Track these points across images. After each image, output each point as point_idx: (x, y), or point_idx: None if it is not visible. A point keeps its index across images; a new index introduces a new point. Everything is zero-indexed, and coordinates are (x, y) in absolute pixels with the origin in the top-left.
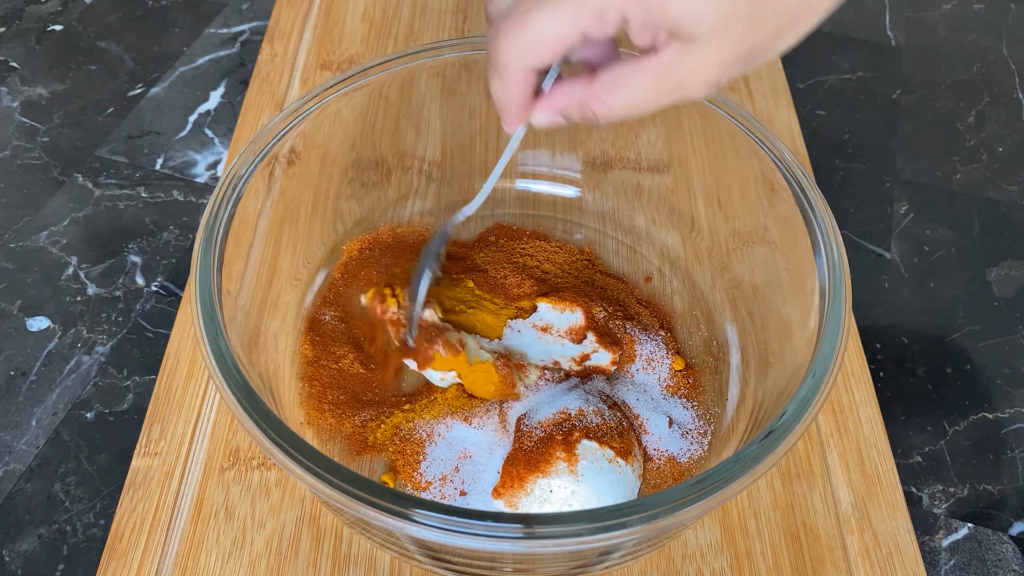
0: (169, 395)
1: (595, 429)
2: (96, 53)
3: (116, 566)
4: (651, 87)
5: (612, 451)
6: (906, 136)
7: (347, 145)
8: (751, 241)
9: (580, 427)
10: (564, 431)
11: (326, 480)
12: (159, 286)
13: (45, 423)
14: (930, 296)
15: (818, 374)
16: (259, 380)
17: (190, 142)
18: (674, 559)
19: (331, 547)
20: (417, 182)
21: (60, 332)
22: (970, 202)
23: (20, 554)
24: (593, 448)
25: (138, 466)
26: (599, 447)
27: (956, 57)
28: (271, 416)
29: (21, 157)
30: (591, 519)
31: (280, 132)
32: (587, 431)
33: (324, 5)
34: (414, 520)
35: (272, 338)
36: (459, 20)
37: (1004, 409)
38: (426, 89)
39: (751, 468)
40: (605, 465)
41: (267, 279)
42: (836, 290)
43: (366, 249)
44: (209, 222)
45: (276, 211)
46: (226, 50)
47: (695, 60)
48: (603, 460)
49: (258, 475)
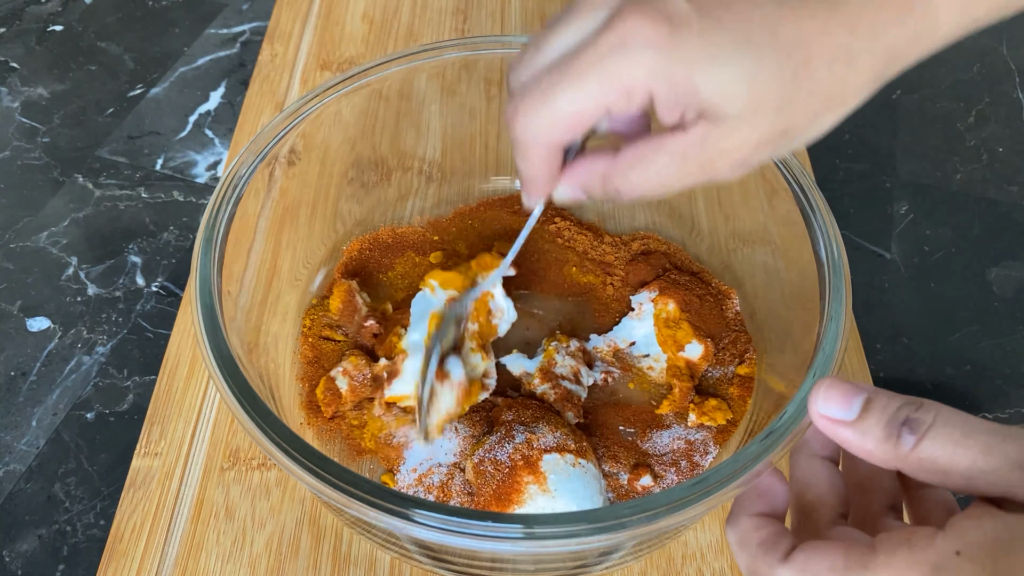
0: (169, 395)
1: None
2: (96, 53)
3: (116, 566)
4: (676, 166)
5: (571, 455)
6: (906, 136)
7: (347, 145)
8: (751, 242)
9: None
10: (523, 455)
11: (326, 481)
12: (159, 286)
13: (45, 423)
14: (930, 296)
15: (818, 374)
16: (259, 381)
17: (190, 142)
18: (674, 559)
19: (331, 547)
20: (417, 182)
21: (60, 332)
22: (970, 202)
23: (20, 554)
24: (555, 460)
25: (138, 466)
26: (560, 456)
27: (956, 57)
28: (271, 417)
29: (21, 157)
30: (591, 520)
31: (280, 132)
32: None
33: (324, 6)
34: (414, 520)
35: (272, 339)
36: (459, 21)
37: (1004, 410)
38: (426, 89)
39: (751, 468)
40: (571, 471)
41: (267, 280)
42: (836, 290)
43: (366, 249)
44: (209, 223)
45: (276, 211)
46: (226, 50)
47: (723, 140)
48: (568, 467)
49: (258, 475)
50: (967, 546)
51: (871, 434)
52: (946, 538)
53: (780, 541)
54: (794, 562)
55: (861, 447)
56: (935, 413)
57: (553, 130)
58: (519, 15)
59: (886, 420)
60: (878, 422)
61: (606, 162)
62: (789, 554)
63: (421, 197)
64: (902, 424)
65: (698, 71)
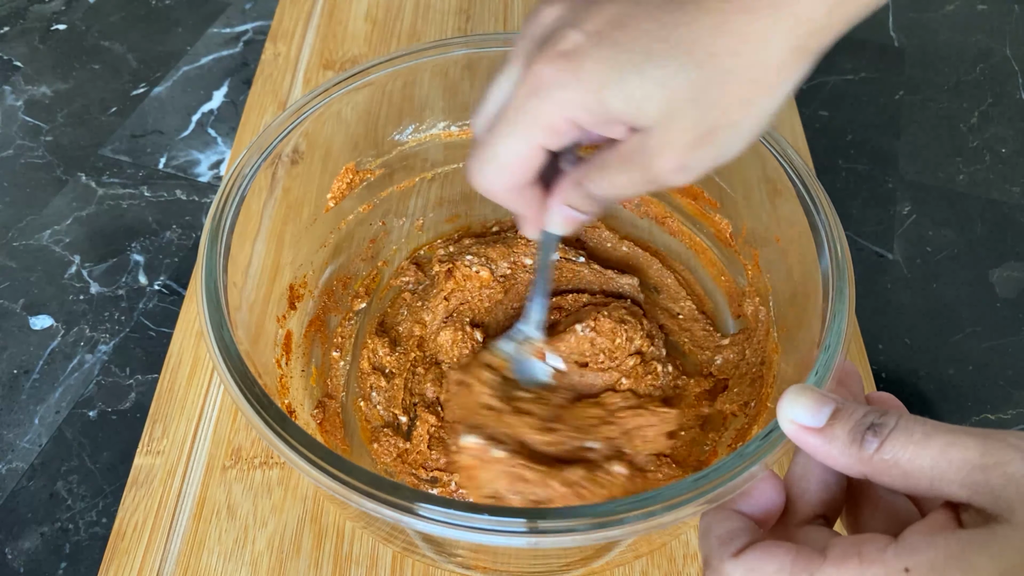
0: (171, 394)
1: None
2: (100, 52)
3: (118, 564)
4: (626, 174)
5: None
6: (909, 137)
7: (349, 144)
8: (755, 241)
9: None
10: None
11: (329, 474)
12: (162, 285)
13: (48, 421)
14: (932, 297)
15: (820, 374)
16: (263, 375)
17: (193, 141)
18: (675, 559)
19: (333, 546)
20: (419, 181)
21: (63, 331)
22: (973, 203)
23: (23, 552)
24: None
25: (140, 464)
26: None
27: (959, 58)
28: (275, 408)
29: (24, 156)
30: (593, 515)
31: (284, 131)
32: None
33: (327, 5)
34: (418, 514)
35: (276, 335)
36: (461, 20)
37: (1006, 410)
38: (429, 88)
39: (751, 467)
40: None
41: (270, 277)
42: (839, 290)
43: (368, 248)
44: (214, 221)
45: (279, 210)
46: (229, 50)
47: (655, 148)
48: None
49: (260, 474)
50: (917, 564)
51: (837, 440)
52: (897, 554)
53: (738, 537)
54: (743, 560)
55: (827, 453)
56: (898, 417)
57: (503, 178)
58: (521, 15)
59: (851, 426)
60: (843, 428)
61: (579, 170)
62: (742, 551)
63: (423, 196)
64: (867, 429)
65: (605, 92)
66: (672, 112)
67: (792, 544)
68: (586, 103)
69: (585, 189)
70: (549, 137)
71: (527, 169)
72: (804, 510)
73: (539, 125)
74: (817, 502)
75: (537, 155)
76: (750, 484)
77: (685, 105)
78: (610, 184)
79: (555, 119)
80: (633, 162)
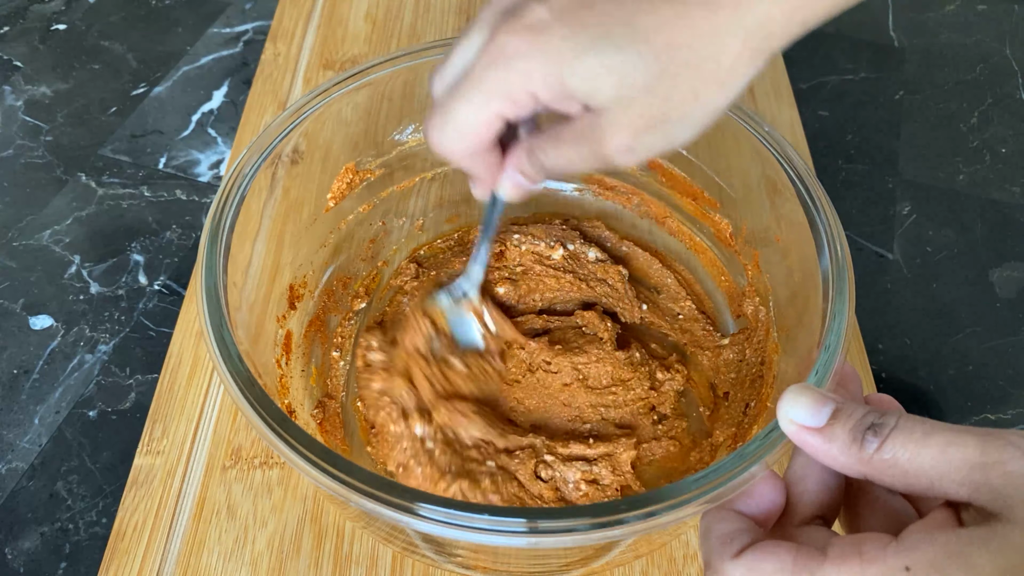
0: (171, 394)
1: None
2: (99, 52)
3: (118, 564)
4: (576, 150)
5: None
6: (909, 137)
7: (349, 144)
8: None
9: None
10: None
11: (329, 474)
12: (162, 285)
13: (48, 421)
14: (932, 297)
15: (820, 374)
16: (263, 375)
17: (193, 141)
18: (676, 559)
19: (333, 546)
20: (419, 181)
21: (63, 331)
22: (973, 203)
23: (22, 552)
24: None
25: (140, 464)
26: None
27: (959, 58)
28: (275, 408)
29: (24, 156)
30: (592, 515)
31: (284, 131)
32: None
33: (327, 5)
34: (418, 515)
35: (276, 335)
36: (461, 20)
37: (1006, 411)
38: (429, 88)
39: (751, 467)
40: None
41: (270, 277)
42: (840, 290)
43: (368, 248)
44: (214, 221)
45: (279, 210)
46: (229, 50)
47: (605, 127)
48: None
49: (260, 474)
50: (917, 562)
51: (837, 440)
52: (897, 552)
53: (738, 537)
54: (743, 560)
55: (827, 453)
56: (898, 417)
57: (459, 141)
58: None
59: (851, 426)
60: (843, 428)
61: (532, 139)
62: (742, 551)
63: (423, 196)
64: (867, 429)
65: (564, 69)
66: (625, 97)
67: (793, 544)
68: (546, 78)
69: (537, 159)
70: (508, 107)
71: (485, 135)
72: (803, 511)
73: (499, 94)
74: (816, 503)
75: (495, 122)
76: (750, 484)
77: (639, 92)
78: (561, 157)
79: (515, 90)
80: (585, 139)
